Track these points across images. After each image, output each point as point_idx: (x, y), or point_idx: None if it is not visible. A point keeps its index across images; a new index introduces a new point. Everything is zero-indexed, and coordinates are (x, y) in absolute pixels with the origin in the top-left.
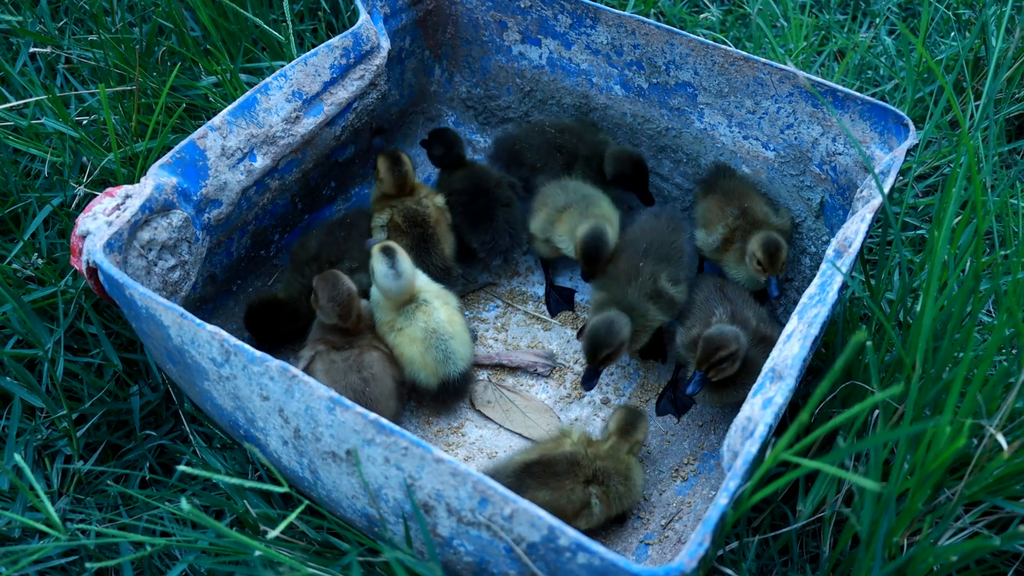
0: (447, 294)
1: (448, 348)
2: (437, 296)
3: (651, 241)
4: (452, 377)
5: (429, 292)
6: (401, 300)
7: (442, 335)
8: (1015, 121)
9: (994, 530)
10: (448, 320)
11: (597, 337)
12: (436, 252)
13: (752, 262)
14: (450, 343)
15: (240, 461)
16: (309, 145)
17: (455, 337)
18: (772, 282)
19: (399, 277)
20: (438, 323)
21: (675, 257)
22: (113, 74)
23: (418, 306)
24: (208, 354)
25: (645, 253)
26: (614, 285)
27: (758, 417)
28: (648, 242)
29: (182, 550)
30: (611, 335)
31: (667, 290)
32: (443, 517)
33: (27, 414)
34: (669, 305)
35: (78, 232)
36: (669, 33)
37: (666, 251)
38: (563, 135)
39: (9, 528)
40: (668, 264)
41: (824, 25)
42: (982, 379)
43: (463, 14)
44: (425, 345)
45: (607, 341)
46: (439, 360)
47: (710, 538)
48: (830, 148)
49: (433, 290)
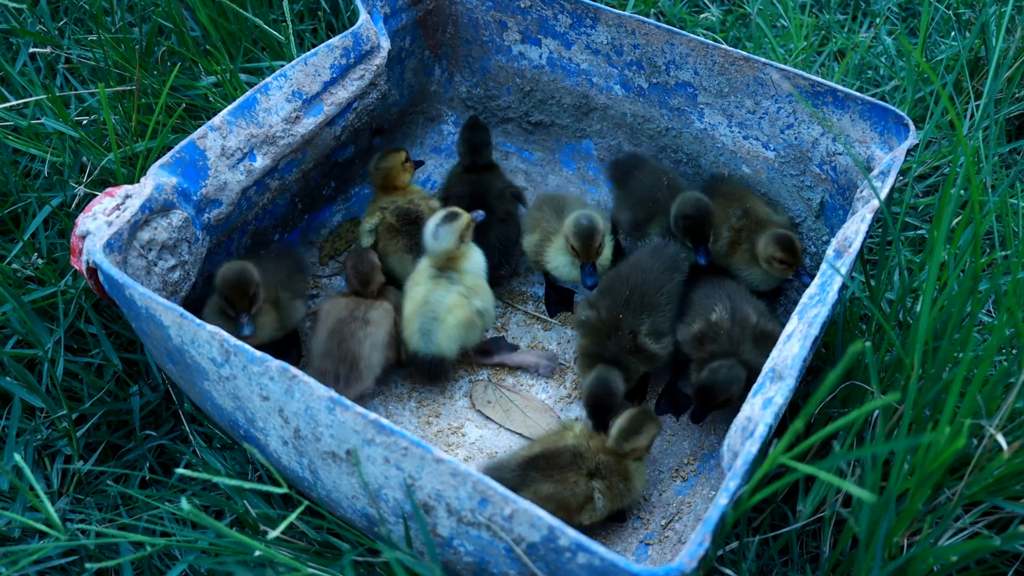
0: (482, 292)
1: (430, 328)
2: (469, 285)
3: (634, 287)
4: (423, 355)
5: (467, 276)
6: (437, 262)
7: (432, 313)
8: (1015, 121)
9: (994, 530)
10: (450, 306)
11: (599, 401)
12: None
13: (773, 264)
14: (434, 325)
15: (240, 461)
16: (309, 145)
17: (443, 323)
18: (802, 273)
19: (434, 239)
20: (437, 301)
21: (661, 305)
22: (113, 74)
23: (444, 277)
24: (208, 354)
25: (626, 303)
26: (595, 334)
27: (758, 417)
28: (631, 288)
29: (182, 550)
30: (611, 397)
31: (647, 346)
32: (443, 517)
33: (27, 414)
34: (651, 359)
35: (78, 232)
36: (669, 33)
37: (651, 299)
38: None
39: (9, 528)
40: (652, 315)
41: (824, 25)
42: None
43: (463, 14)
44: (416, 311)
45: (609, 403)
46: (419, 331)
47: (710, 538)
48: (830, 148)
49: (471, 278)
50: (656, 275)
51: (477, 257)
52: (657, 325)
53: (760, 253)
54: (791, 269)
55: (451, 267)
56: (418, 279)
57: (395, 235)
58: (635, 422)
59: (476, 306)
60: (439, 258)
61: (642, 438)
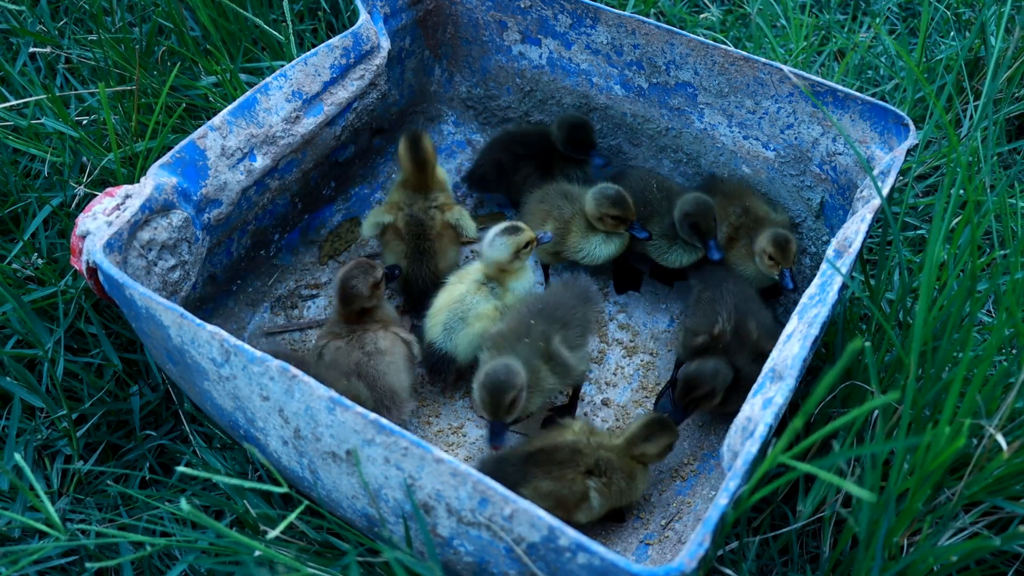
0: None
1: (454, 326)
2: (508, 303)
3: (547, 303)
4: (436, 348)
5: (509, 294)
6: (488, 269)
7: (462, 313)
8: (1015, 121)
9: (994, 530)
10: (480, 314)
11: (496, 385)
12: (428, 265)
13: (763, 259)
14: (459, 325)
15: (240, 461)
16: (309, 145)
17: (468, 327)
18: (786, 275)
19: (490, 247)
20: (471, 305)
21: (574, 324)
22: (113, 74)
23: (488, 286)
24: (208, 354)
25: (539, 313)
26: (503, 344)
27: (758, 417)
28: (544, 304)
29: (182, 550)
30: (512, 376)
31: (560, 353)
32: (443, 517)
33: (27, 414)
34: (563, 371)
35: (78, 232)
36: (669, 33)
37: (563, 314)
38: (660, 192)
39: (9, 528)
40: (564, 328)
41: (824, 25)
42: (981, 379)
43: (463, 14)
44: (447, 305)
45: (511, 383)
46: (442, 324)
47: (710, 538)
48: (830, 148)
49: (512, 298)
50: (569, 300)
51: (527, 281)
52: (570, 339)
53: (756, 247)
54: (777, 267)
55: (499, 280)
56: (463, 277)
57: (398, 239)
58: (646, 431)
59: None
60: (490, 266)
61: (652, 445)
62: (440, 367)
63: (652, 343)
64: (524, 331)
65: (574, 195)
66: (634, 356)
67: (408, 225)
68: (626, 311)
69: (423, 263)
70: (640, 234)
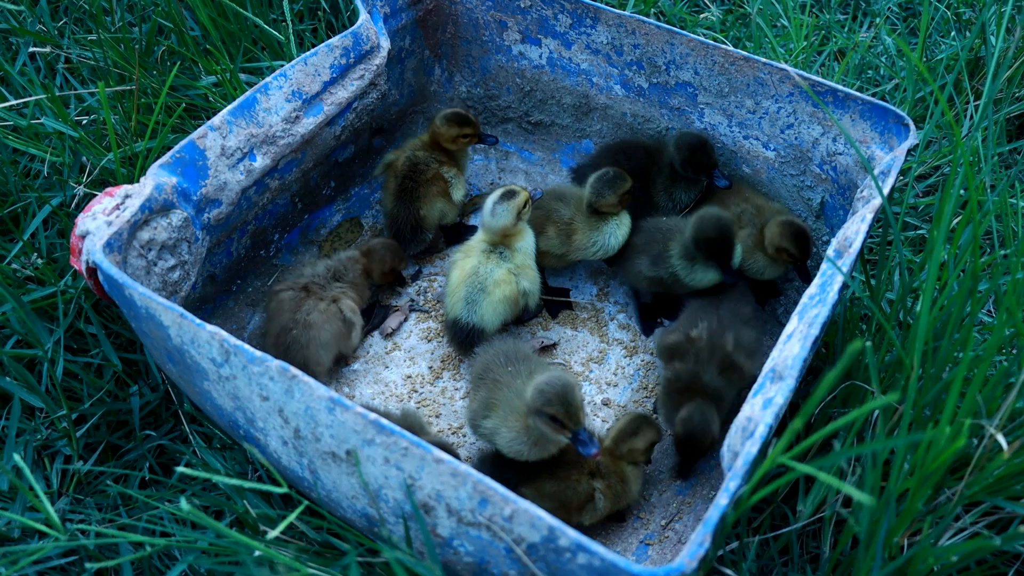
0: (530, 272)
1: (476, 298)
2: (518, 263)
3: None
4: (464, 323)
5: (517, 254)
6: (492, 237)
7: (480, 284)
8: (1015, 121)
9: (994, 530)
10: (498, 280)
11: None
12: (412, 208)
13: (781, 256)
14: (480, 296)
15: (240, 461)
16: (309, 145)
17: (489, 296)
18: (803, 270)
19: (492, 216)
20: (487, 274)
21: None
22: (113, 74)
23: (496, 253)
24: (208, 354)
25: (504, 360)
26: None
27: (758, 417)
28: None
29: (182, 550)
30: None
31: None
32: (443, 517)
33: (27, 414)
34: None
35: (78, 232)
36: (669, 33)
37: (517, 355)
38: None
39: (9, 528)
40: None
41: (824, 25)
42: (982, 379)
43: (463, 14)
44: (464, 281)
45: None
46: (464, 299)
47: (710, 538)
48: (830, 148)
49: (521, 257)
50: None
51: (530, 238)
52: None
53: (768, 238)
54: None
55: (505, 244)
56: (469, 251)
57: (391, 177)
58: (629, 426)
59: (523, 286)
60: (495, 234)
61: (638, 440)
62: (469, 341)
63: (652, 343)
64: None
65: (568, 195)
66: (634, 356)
67: (404, 165)
68: (626, 311)
69: (408, 205)
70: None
